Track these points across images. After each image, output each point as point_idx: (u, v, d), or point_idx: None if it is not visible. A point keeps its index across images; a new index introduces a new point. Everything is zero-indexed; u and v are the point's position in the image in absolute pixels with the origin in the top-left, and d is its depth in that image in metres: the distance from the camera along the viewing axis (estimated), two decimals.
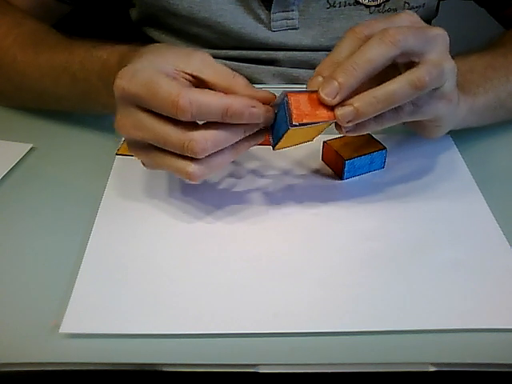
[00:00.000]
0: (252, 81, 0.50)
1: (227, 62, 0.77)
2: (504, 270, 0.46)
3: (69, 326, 0.41)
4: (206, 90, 0.45)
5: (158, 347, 0.40)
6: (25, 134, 0.61)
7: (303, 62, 0.76)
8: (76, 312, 0.42)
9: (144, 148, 0.47)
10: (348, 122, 0.46)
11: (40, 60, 0.61)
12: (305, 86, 0.48)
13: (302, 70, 0.77)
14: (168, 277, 0.45)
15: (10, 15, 0.67)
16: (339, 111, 0.45)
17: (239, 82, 0.47)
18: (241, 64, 0.77)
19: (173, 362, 0.39)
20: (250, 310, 0.43)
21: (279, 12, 0.71)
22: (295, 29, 0.72)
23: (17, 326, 0.42)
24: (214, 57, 0.80)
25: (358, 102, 0.45)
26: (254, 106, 0.45)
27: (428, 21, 0.79)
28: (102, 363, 0.39)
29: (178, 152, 0.45)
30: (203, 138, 0.44)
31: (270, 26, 0.72)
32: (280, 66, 0.77)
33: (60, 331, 0.41)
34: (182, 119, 0.44)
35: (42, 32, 0.65)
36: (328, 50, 0.75)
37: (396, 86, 0.45)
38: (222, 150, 0.46)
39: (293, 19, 0.72)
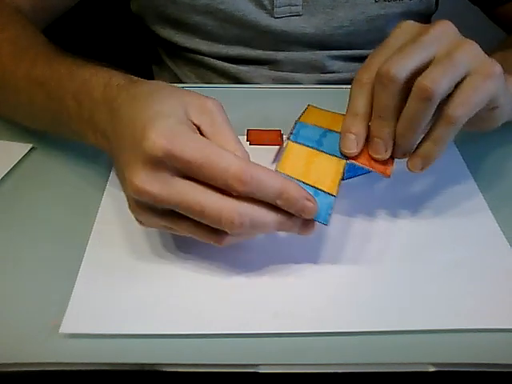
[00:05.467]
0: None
1: (226, 64, 0.77)
2: (504, 271, 0.46)
3: (69, 326, 0.41)
4: (264, 167, 0.41)
5: (157, 347, 0.40)
6: (25, 134, 0.61)
7: (303, 63, 0.76)
8: (76, 312, 0.42)
9: (163, 213, 0.42)
10: (403, 155, 0.47)
11: (18, 73, 0.56)
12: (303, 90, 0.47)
13: (302, 75, 0.77)
14: (168, 277, 0.45)
15: None
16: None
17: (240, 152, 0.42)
18: (240, 67, 0.77)
19: (173, 362, 0.39)
20: (250, 310, 0.43)
21: None
22: (298, 15, 0.72)
23: (17, 325, 0.42)
24: (214, 57, 0.79)
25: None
26: (308, 200, 0.41)
27: (428, 16, 0.79)
28: (102, 363, 0.39)
29: (209, 223, 0.40)
30: (244, 214, 0.40)
31: (273, 12, 0.71)
32: (280, 70, 0.77)
33: (60, 331, 0.41)
34: (236, 193, 0.39)
35: (25, 39, 0.59)
36: (330, 38, 0.74)
37: (409, 108, 0.44)
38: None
39: (296, 5, 0.71)
